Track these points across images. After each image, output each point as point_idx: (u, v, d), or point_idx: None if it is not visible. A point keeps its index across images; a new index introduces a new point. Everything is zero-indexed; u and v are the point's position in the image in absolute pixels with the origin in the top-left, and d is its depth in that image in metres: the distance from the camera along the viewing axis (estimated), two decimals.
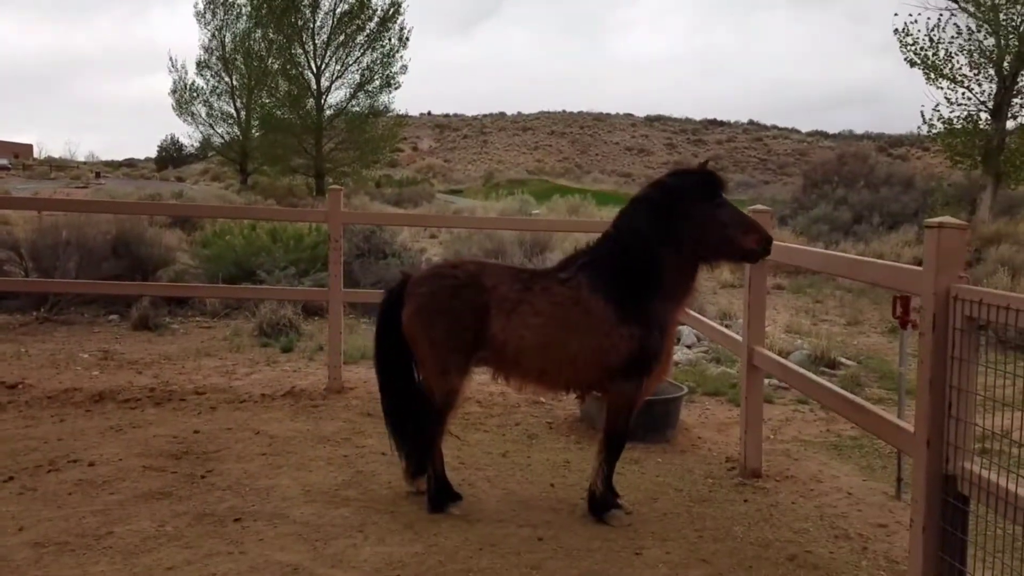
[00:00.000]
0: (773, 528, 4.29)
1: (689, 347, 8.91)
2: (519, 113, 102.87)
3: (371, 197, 33.95)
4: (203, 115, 45.48)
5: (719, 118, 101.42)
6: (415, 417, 4.33)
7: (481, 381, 5.97)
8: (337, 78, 41.60)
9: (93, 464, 4.85)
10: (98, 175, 54.49)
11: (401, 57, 41.57)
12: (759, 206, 5.11)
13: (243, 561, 3.64)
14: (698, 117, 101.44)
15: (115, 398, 6.38)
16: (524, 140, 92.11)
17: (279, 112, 41.30)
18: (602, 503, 4.25)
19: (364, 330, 9.45)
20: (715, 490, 4.85)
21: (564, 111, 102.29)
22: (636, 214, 4.22)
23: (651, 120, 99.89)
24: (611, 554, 3.86)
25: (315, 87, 41.45)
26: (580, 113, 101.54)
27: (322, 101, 41.66)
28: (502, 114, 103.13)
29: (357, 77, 41.46)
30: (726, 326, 7.66)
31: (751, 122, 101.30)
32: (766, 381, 5.78)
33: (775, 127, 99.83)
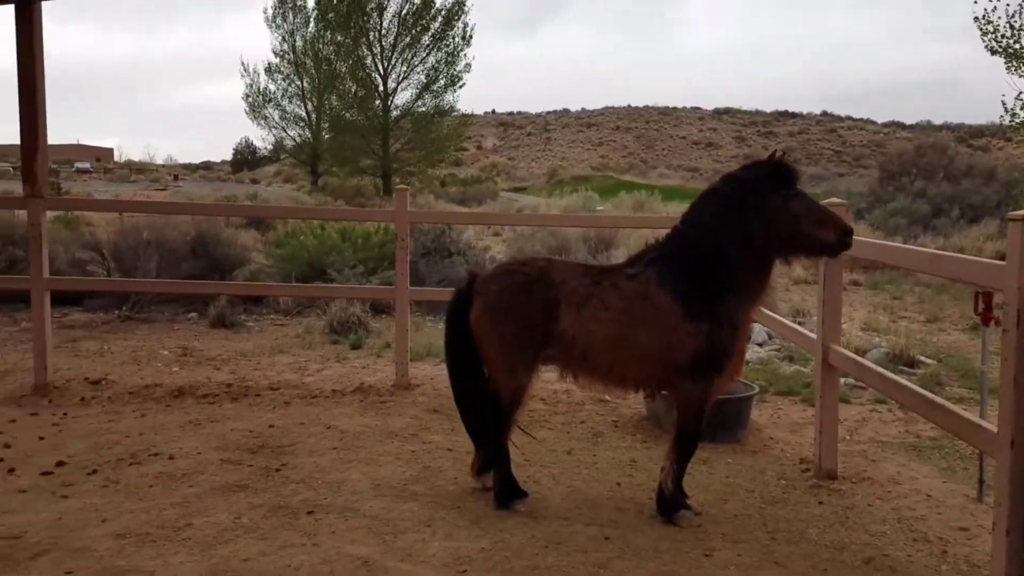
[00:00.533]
0: (849, 531, 4.17)
1: (760, 345, 8.73)
2: (583, 109, 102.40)
3: (436, 196, 34.29)
4: (275, 118, 46.74)
5: (791, 109, 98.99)
6: (484, 414, 4.35)
7: (545, 379, 5.97)
8: (403, 79, 42.22)
9: (173, 457, 5.02)
10: (176, 178, 56.50)
11: (465, 55, 41.94)
12: (835, 199, 4.97)
13: (316, 553, 3.72)
14: (768, 109, 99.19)
15: (194, 393, 6.60)
16: (588, 136, 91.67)
17: (347, 114, 42.10)
18: (671, 503, 4.20)
19: (430, 328, 9.56)
20: (788, 492, 4.74)
21: (629, 106, 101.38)
22: (705, 208, 4.14)
23: (719, 113, 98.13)
24: (680, 555, 3.81)
25: (382, 88, 42.11)
26: (646, 108, 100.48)
27: (389, 102, 42.31)
28: (566, 111, 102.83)
29: (422, 77, 42.00)
30: (799, 323, 7.48)
31: (824, 113, 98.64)
32: (842, 380, 5.62)
33: (849, 118, 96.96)
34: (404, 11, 41.31)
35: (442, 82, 41.92)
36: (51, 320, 6.85)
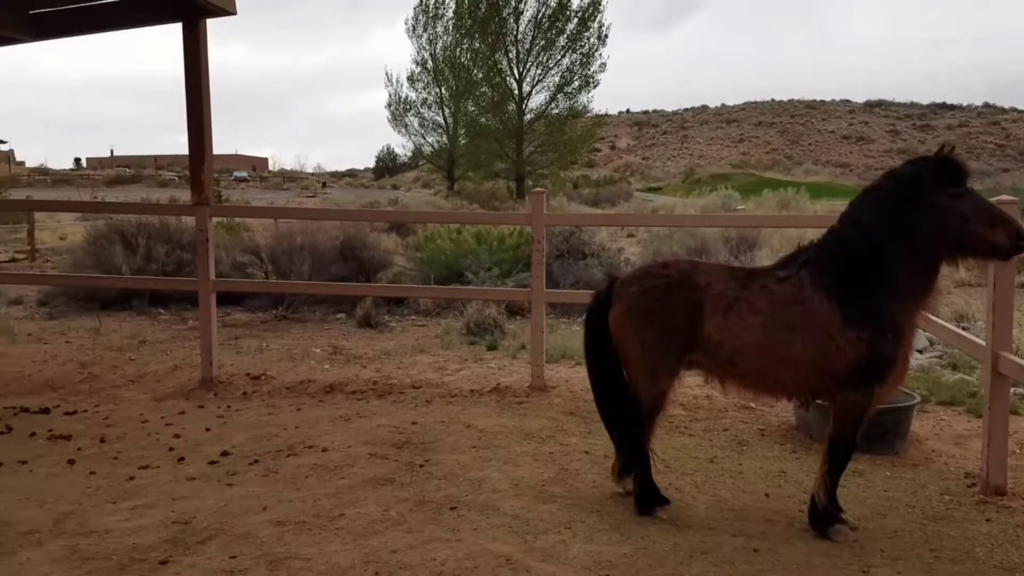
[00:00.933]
0: (1020, 551, 3.84)
1: (920, 352, 8.18)
2: (723, 105, 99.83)
3: (568, 198, 34.39)
4: (415, 126, 48.38)
5: (949, 101, 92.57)
6: (625, 418, 4.31)
7: (685, 383, 5.84)
8: (537, 82, 42.65)
9: (326, 450, 5.26)
10: (324, 185, 59.59)
11: (600, 55, 41.92)
12: (1004, 196, 4.59)
13: (460, 548, 3.80)
14: (925, 100, 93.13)
15: (343, 390, 6.89)
16: (728, 133, 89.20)
17: (483, 119, 42.97)
18: (824, 516, 4.00)
19: (564, 330, 9.57)
20: (952, 508, 4.41)
21: (772, 100, 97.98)
22: (865, 207, 3.91)
23: (871, 106, 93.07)
24: (835, 570, 3.63)
25: (516, 92, 42.67)
26: (791, 101, 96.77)
27: (523, 106, 42.83)
28: (704, 107, 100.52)
29: (557, 79, 42.29)
30: (963, 328, 6.95)
31: (986, 105, 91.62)
32: (1012, 390, 5.17)
33: (1014, 110, 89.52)
34: (540, 15, 41.70)
35: (576, 83, 42.08)
36: (216, 319, 7.34)
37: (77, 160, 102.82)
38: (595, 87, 42.42)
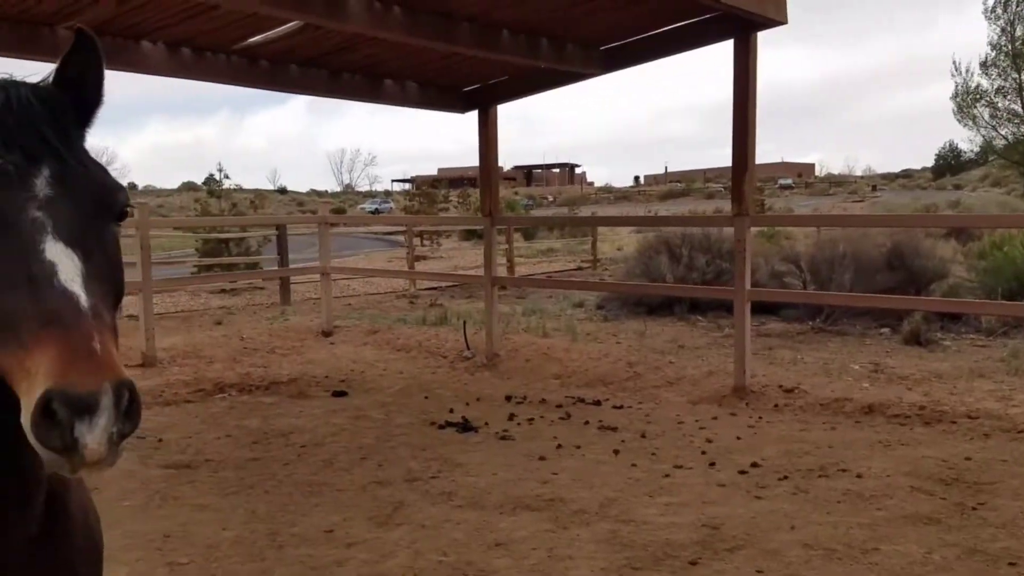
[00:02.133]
0: None
1: None
2: None
3: None
4: (985, 117, 42.47)
5: None
6: None
7: None
8: None
9: (861, 476, 4.90)
10: (874, 188, 56.18)
11: None
12: None
13: None
14: None
15: (884, 412, 6.34)
16: None
17: None
18: None
19: None
20: None
21: None
22: None
23: None
24: None
25: None
26: None
27: None
28: None
29: None
30: None
31: None
32: None
33: None
34: None
35: None
36: (750, 328, 7.41)
37: (636, 178, 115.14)
38: None
